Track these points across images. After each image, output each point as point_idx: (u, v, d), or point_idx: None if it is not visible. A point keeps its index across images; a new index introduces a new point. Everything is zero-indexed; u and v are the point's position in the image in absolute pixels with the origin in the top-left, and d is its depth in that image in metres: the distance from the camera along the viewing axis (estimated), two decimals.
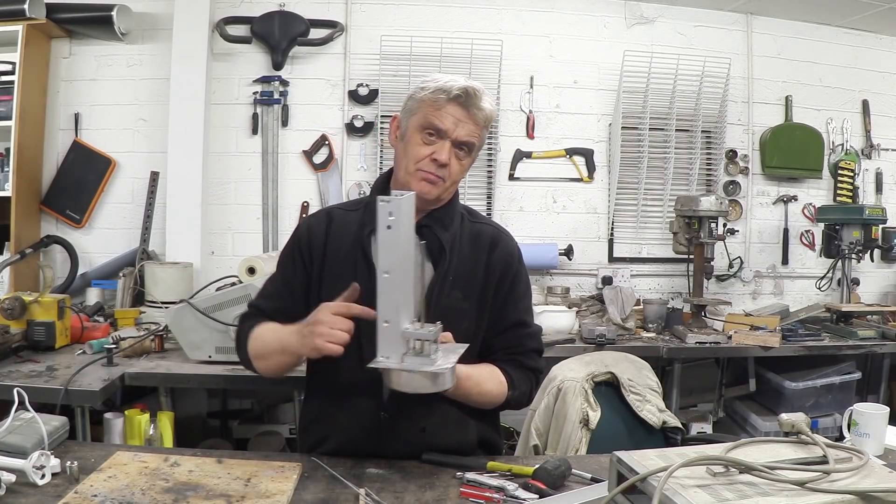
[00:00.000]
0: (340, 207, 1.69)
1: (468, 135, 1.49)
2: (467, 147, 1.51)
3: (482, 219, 1.68)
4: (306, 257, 1.60)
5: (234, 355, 2.44)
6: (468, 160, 1.54)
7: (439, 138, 1.48)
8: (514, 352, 1.59)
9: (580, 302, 3.59)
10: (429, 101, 1.49)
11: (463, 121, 1.48)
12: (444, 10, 3.74)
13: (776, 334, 3.15)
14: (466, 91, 1.47)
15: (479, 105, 1.48)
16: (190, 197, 3.46)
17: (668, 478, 1.01)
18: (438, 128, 1.48)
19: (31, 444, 1.36)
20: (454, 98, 1.47)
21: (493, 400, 1.55)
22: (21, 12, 3.20)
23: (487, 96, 1.52)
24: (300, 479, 1.38)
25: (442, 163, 1.48)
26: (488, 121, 1.52)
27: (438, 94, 1.48)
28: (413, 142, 1.50)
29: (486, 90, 1.52)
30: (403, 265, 1.25)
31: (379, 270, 1.25)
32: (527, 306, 1.65)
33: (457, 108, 1.47)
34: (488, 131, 1.59)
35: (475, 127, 1.50)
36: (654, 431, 2.22)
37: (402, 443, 1.52)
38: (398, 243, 1.24)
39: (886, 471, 1.12)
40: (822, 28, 3.99)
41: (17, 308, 2.57)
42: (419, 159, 1.49)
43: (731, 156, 3.95)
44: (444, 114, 1.47)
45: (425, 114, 1.49)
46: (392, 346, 1.25)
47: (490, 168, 3.79)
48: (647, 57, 3.73)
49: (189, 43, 3.44)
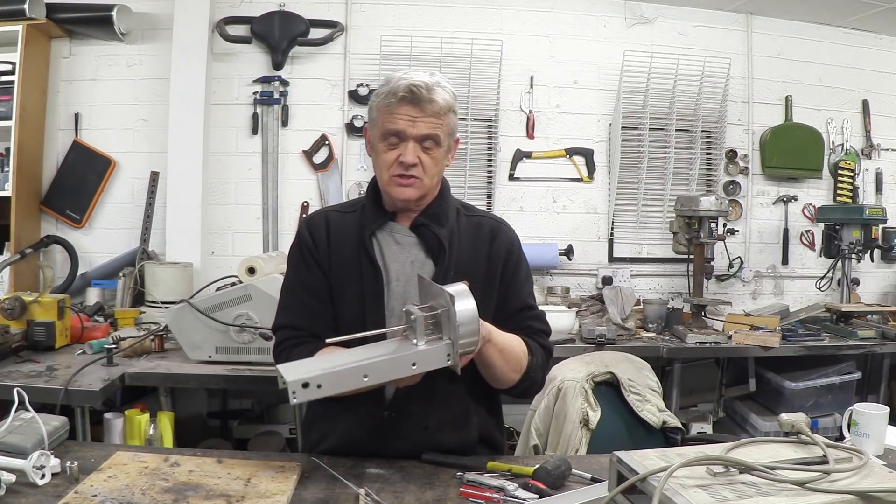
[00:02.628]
0: (336, 210, 1.69)
1: (428, 128, 1.48)
2: (432, 139, 1.49)
3: (478, 211, 1.68)
4: (317, 257, 1.59)
5: (234, 355, 2.49)
6: (439, 150, 1.52)
7: (401, 140, 1.48)
8: (524, 334, 1.59)
9: (580, 302, 3.59)
10: (382, 108, 1.49)
11: (417, 118, 1.47)
12: (444, 10, 3.74)
13: (776, 334, 3.15)
14: (411, 90, 1.46)
15: (429, 98, 1.46)
16: (190, 197, 3.46)
17: (668, 478, 1.01)
18: (395, 131, 1.48)
19: (31, 444, 1.36)
20: (402, 99, 1.46)
21: (516, 363, 1.53)
22: (21, 12, 3.21)
23: (439, 86, 1.49)
24: (300, 479, 1.37)
25: (410, 163, 1.48)
26: (448, 107, 1.50)
27: (388, 99, 1.48)
28: (380, 150, 1.52)
29: (438, 80, 1.50)
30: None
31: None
32: (529, 291, 1.66)
33: (408, 108, 1.47)
34: (457, 114, 1.56)
35: (433, 119, 1.48)
36: (654, 431, 2.22)
37: (404, 441, 1.52)
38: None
39: (886, 471, 1.12)
40: (822, 28, 3.99)
41: (17, 308, 2.57)
42: (389, 165, 1.50)
43: (731, 156, 3.95)
44: (397, 117, 1.47)
45: (382, 121, 1.49)
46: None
47: (490, 168, 3.79)
48: (647, 57, 3.73)
49: (189, 43, 3.44)
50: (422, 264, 1.55)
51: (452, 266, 1.54)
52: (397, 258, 1.56)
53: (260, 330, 2.44)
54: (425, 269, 1.55)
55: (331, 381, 1.26)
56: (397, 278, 1.55)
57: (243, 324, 2.46)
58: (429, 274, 1.53)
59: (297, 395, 1.22)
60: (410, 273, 1.55)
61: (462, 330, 1.26)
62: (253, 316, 2.46)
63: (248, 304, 2.46)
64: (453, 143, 1.58)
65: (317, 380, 1.24)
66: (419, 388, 1.43)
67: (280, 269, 2.40)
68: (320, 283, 1.58)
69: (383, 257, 1.56)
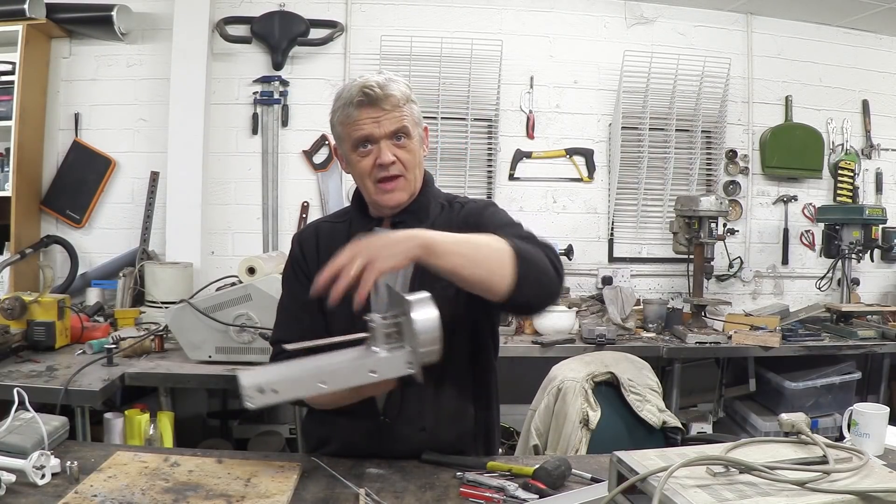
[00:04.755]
0: (327, 220, 1.69)
1: (394, 124, 1.46)
2: (402, 133, 1.48)
3: (461, 199, 1.64)
4: (306, 271, 1.60)
5: (234, 355, 2.49)
6: (412, 142, 1.50)
7: (372, 144, 1.47)
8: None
9: (580, 302, 3.59)
10: (343, 120, 1.47)
11: (380, 116, 1.45)
12: (444, 10, 3.74)
13: (776, 334, 3.15)
14: (364, 92, 1.43)
15: (385, 95, 1.44)
16: (190, 197, 3.46)
17: (668, 478, 1.01)
18: (364, 137, 1.46)
19: (31, 444, 1.36)
20: (359, 104, 1.44)
21: (498, 259, 1.27)
22: (21, 12, 3.21)
23: (391, 80, 1.46)
24: (300, 479, 1.37)
25: (388, 162, 1.47)
26: (405, 97, 1.48)
27: (347, 109, 1.45)
28: (354, 161, 1.50)
29: (388, 76, 1.47)
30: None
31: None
32: (508, 223, 1.48)
33: (368, 110, 1.44)
34: (417, 103, 1.52)
35: (395, 113, 1.46)
36: (654, 431, 2.22)
37: (402, 443, 1.52)
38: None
39: (886, 471, 1.12)
40: (822, 28, 3.99)
41: (17, 308, 2.57)
42: (368, 172, 1.48)
43: (731, 156, 3.95)
44: (360, 123, 1.45)
45: (348, 133, 1.47)
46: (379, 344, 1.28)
47: (490, 168, 3.79)
48: (647, 57, 3.73)
49: (189, 43, 3.44)
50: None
51: None
52: None
53: (260, 330, 2.44)
54: (407, 267, 1.53)
55: (286, 386, 1.25)
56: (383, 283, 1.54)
57: (243, 324, 2.46)
58: (409, 271, 1.50)
59: (253, 400, 1.22)
60: (392, 273, 1.53)
61: (421, 338, 1.22)
62: (253, 316, 2.46)
63: (248, 304, 2.46)
64: (423, 131, 1.56)
65: (272, 384, 1.23)
66: (411, 390, 1.43)
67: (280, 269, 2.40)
68: (311, 298, 1.59)
69: None
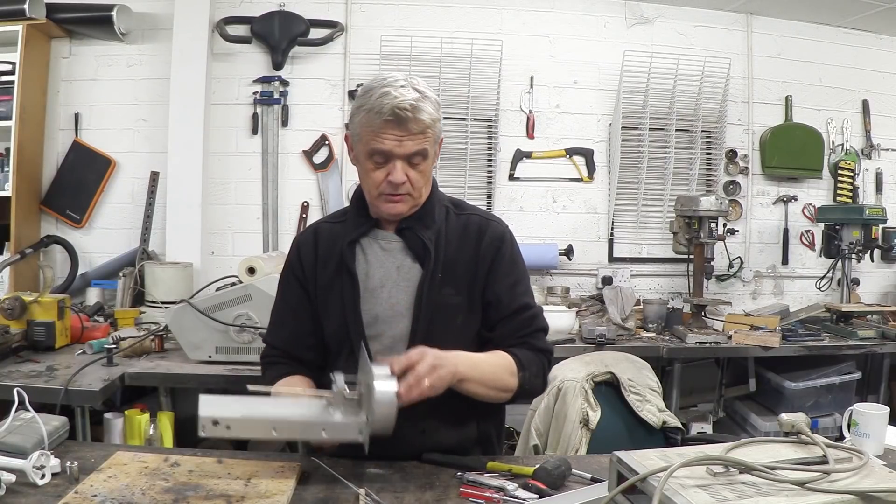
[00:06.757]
0: (326, 221, 1.69)
1: (416, 147, 1.45)
2: (420, 154, 1.47)
3: (469, 209, 1.65)
4: (301, 277, 1.62)
5: (234, 355, 2.49)
6: (426, 162, 1.49)
7: (388, 160, 1.46)
8: (521, 335, 1.55)
9: (580, 302, 3.59)
10: (366, 125, 1.45)
11: (403, 138, 1.43)
12: (444, 10, 3.74)
13: (776, 334, 3.15)
14: (395, 113, 1.40)
15: (415, 118, 1.42)
16: (190, 197, 3.46)
17: (668, 478, 1.01)
18: (382, 151, 1.45)
19: (31, 444, 1.36)
20: (387, 121, 1.42)
21: (502, 385, 1.50)
22: (21, 12, 3.21)
23: (423, 100, 1.43)
24: (300, 479, 1.37)
25: (399, 183, 1.46)
26: (433, 121, 1.46)
27: (373, 117, 1.42)
28: (367, 168, 1.49)
29: (420, 94, 1.44)
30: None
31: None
32: (524, 290, 1.61)
33: (393, 128, 1.42)
34: (441, 118, 1.51)
35: (419, 136, 1.44)
36: (654, 431, 2.22)
37: (401, 444, 1.51)
38: None
39: (886, 471, 1.12)
40: (822, 28, 3.99)
41: (17, 308, 2.57)
42: (378, 184, 1.48)
43: (731, 156, 3.95)
44: (383, 138, 1.43)
45: (367, 140, 1.45)
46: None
47: (490, 168, 3.79)
48: (647, 57, 3.73)
49: (189, 43, 3.44)
50: (408, 269, 1.54)
51: (439, 269, 1.52)
52: (383, 264, 1.55)
53: (260, 330, 2.44)
54: (412, 273, 1.53)
55: (240, 426, 1.32)
56: (382, 284, 1.54)
57: (243, 324, 2.46)
58: (416, 277, 1.52)
59: (205, 430, 1.29)
60: (397, 278, 1.54)
61: (378, 412, 1.27)
62: (253, 316, 2.46)
63: (248, 304, 2.46)
64: (438, 145, 1.55)
65: (227, 421, 1.30)
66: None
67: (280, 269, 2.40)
68: (301, 301, 1.61)
69: (368, 264, 1.55)
